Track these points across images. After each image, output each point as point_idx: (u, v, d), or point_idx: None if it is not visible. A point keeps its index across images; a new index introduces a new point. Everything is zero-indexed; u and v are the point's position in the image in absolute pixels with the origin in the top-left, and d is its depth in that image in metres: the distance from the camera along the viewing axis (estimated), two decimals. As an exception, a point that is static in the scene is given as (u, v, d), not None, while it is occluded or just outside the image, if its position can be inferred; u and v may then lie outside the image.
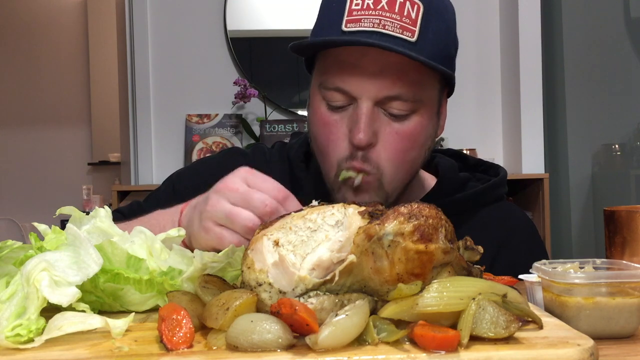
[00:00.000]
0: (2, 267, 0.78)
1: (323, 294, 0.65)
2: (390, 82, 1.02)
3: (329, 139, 1.07)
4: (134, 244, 0.82)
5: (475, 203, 1.21)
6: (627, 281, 0.70)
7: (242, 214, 0.86)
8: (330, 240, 0.67)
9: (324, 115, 1.07)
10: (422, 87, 1.05)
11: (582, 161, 3.22)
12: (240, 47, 3.27)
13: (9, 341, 0.63)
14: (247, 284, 0.67)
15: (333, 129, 1.06)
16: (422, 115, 1.06)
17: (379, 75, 1.02)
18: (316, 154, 1.13)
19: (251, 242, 0.70)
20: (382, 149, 1.05)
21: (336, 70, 1.04)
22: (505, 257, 1.18)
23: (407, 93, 1.03)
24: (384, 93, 1.02)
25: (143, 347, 0.62)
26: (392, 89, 1.02)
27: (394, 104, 1.03)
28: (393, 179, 1.07)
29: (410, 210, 0.65)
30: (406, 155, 1.07)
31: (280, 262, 0.66)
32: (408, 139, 1.05)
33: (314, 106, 1.10)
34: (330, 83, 1.05)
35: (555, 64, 3.26)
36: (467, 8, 3.33)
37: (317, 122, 1.09)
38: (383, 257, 0.64)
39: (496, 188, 1.25)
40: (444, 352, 0.58)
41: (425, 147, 1.12)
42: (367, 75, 1.02)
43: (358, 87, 1.02)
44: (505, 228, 1.22)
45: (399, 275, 0.64)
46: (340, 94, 1.04)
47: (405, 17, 1.02)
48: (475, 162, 1.33)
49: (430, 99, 1.08)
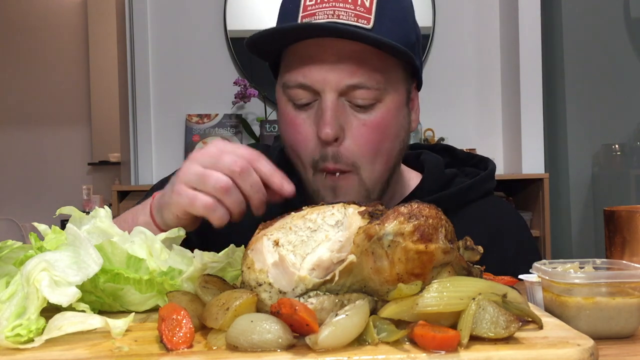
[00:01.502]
0: (2, 267, 0.78)
1: (323, 294, 0.65)
2: (350, 70, 1.01)
3: (297, 139, 1.06)
4: (134, 244, 0.82)
5: (462, 199, 1.19)
6: (627, 281, 0.70)
7: (213, 175, 0.87)
8: (330, 240, 0.67)
9: (290, 115, 1.06)
10: (385, 74, 1.04)
11: (582, 161, 3.22)
12: (240, 47, 3.27)
13: (9, 341, 0.63)
14: (247, 284, 0.67)
15: (300, 128, 1.05)
16: (389, 105, 1.05)
17: (338, 65, 1.01)
18: (290, 157, 1.12)
19: (251, 242, 0.70)
20: (352, 143, 1.03)
21: (296, 66, 1.04)
22: (495, 252, 1.18)
23: (369, 81, 1.02)
24: (345, 82, 1.01)
25: (143, 347, 0.62)
26: (353, 77, 1.01)
27: (358, 93, 1.02)
28: (371, 173, 1.06)
29: (410, 210, 0.65)
30: (379, 146, 1.05)
31: (280, 262, 0.66)
32: (377, 129, 1.04)
33: (281, 109, 1.09)
34: (292, 80, 1.04)
35: (555, 64, 3.26)
36: (467, 8, 3.33)
37: (284, 123, 1.09)
38: (383, 257, 0.64)
39: (484, 183, 1.22)
40: (444, 352, 0.58)
41: (399, 139, 1.09)
42: (326, 67, 1.01)
43: (319, 79, 1.02)
44: (494, 223, 1.20)
45: (399, 275, 0.64)
46: (303, 90, 1.04)
47: (360, 5, 1.02)
48: (464, 155, 1.30)
49: (395, 89, 1.06)
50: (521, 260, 1.12)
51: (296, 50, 1.04)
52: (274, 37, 1.04)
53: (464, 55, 3.35)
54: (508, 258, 1.16)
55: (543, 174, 3.02)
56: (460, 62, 3.34)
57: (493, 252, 1.17)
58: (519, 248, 1.21)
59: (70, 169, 5.64)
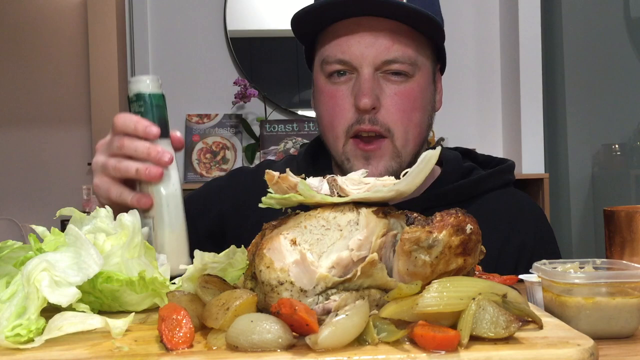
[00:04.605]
0: (2, 267, 0.78)
1: (341, 292, 0.66)
2: (386, 46, 1.11)
3: (334, 110, 1.13)
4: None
5: (481, 188, 1.22)
6: (627, 281, 0.70)
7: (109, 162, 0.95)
8: (346, 239, 0.67)
9: (328, 90, 1.15)
10: (416, 51, 1.13)
11: (582, 161, 3.22)
12: (240, 47, 3.27)
13: (9, 341, 0.63)
14: (266, 283, 0.67)
15: (338, 100, 1.13)
16: (419, 79, 1.14)
17: (374, 42, 1.11)
18: (323, 132, 1.19)
19: (266, 242, 0.69)
20: (386, 111, 1.11)
21: (335, 43, 1.13)
22: (515, 240, 1.19)
23: (403, 55, 1.11)
24: (381, 57, 1.11)
25: (143, 347, 0.62)
26: (388, 52, 1.11)
27: (393, 66, 1.11)
28: (404, 142, 1.13)
29: (458, 222, 0.68)
30: (411, 115, 1.13)
31: (301, 261, 0.66)
32: (409, 99, 1.13)
33: (318, 86, 1.17)
34: (332, 56, 1.13)
35: (555, 64, 3.26)
36: (467, 8, 3.33)
37: (322, 98, 1.16)
38: (426, 265, 0.67)
39: (503, 173, 1.26)
40: (444, 352, 0.58)
41: (427, 114, 1.18)
42: (364, 43, 1.11)
43: (357, 54, 1.11)
44: (514, 212, 1.23)
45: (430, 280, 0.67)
46: (342, 65, 1.12)
47: None
48: (484, 158, 1.34)
49: (424, 66, 1.16)
50: (540, 249, 1.14)
51: (335, 29, 1.14)
52: (319, 12, 1.11)
53: (464, 55, 3.35)
54: (528, 246, 1.18)
55: (543, 174, 3.01)
56: (460, 62, 3.33)
57: (514, 239, 1.19)
58: (538, 237, 1.23)
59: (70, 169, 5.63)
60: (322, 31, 1.16)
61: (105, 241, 0.81)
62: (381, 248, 0.68)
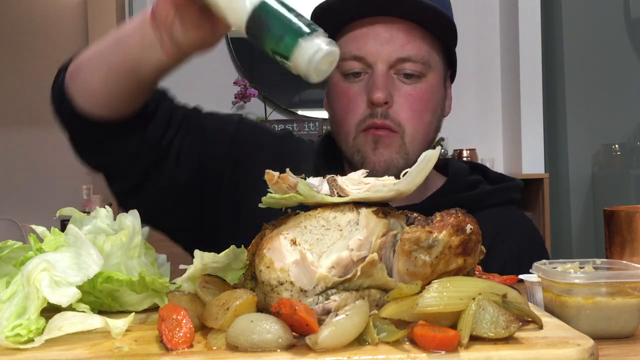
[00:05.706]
0: (2, 267, 0.78)
1: (341, 292, 0.66)
2: (401, 44, 1.13)
3: (348, 106, 1.15)
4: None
5: (483, 202, 1.22)
6: (627, 281, 0.70)
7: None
8: (346, 239, 0.68)
9: (342, 87, 1.16)
10: (429, 52, 1.16)
11: (582, 161, 3.22)
12: (240, 47, 3.27)
13: (9, 341, 0.63)
14: (266, 283, 0.67)
15: (351, 96, 1.15)
16: (431, 80, 1.16)
17: (390, 39, 1.13)
18: (334, 127, 1.20)
19: (266, 242, 0.69)
20: (399, 108, 1.13)
21: (351, 40, 1.15)
22: (505, 247, 1.19)
23: (417, 54, 1.14)
24: (396, 55, 1.13)
25: (143, 347, 0.62)
26: (403, 50, 1.13)
27: (406, 65, 1.14)
28: (412, 139, 1.15)
29: (458, 222, 0.68)
30: (421, 115, 1.15)
31: (301, 261, 0.66)
32: (421, 100, 1.15)
33: (332, 83, 1.19)
34: (348, 53, 1.14)
35: (555, 64, 3.26)
36: (467, 8, 3.33)
37: (335, 94, 1.18)
38: (426, 265, 0.67)
39: (508, 191, 1.26)
40: (444, 352, 0.58)
41: (437, 116, 1.20)
42: (379, 41, 1.13)
43: (373, 51, 1.13)
44: (511, 232, 1.23)
45: (430, 280, 0.67)
46: (357, 61, 1.15)
47: None
48: (495, 175, 1.32)
49: (436, 67, 1.18)
50: (531, 253, 1.14)
51: (352, 27, 1.16)
52: (340, 5, 1.14)
53: (464, 56, 3.34)
54: (518, 251, 1.18)
55: (543, 174, 3.02)
56: (460, 62, 3.33)
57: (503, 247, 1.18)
58: (528, 244, 1.23)
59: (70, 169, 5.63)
60: (338, 31, 1.18)
61: (105, 241, 0.81)
62: (381, 248, 0.68)
